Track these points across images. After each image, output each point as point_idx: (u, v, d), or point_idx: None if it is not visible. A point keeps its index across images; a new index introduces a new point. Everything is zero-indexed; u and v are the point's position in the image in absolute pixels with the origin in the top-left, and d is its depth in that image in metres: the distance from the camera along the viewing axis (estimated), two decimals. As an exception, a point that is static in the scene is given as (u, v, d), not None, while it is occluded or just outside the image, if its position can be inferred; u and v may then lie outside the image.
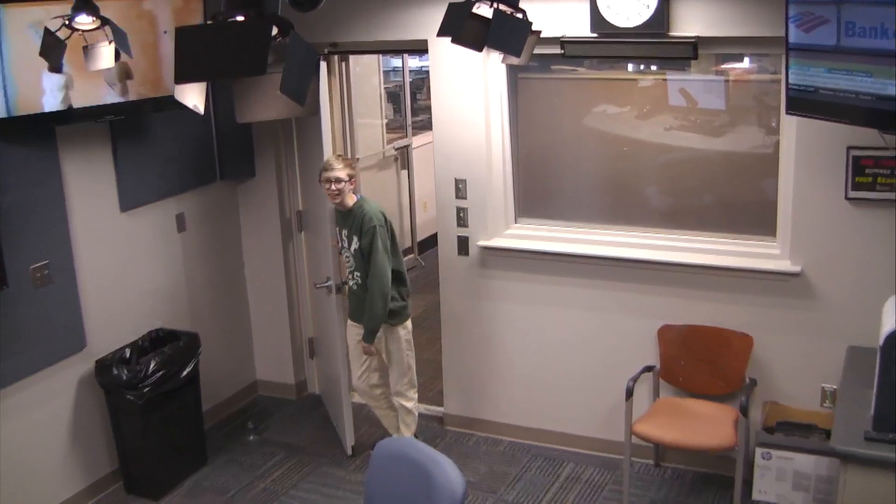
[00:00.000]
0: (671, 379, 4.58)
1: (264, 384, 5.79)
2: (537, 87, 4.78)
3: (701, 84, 4.46)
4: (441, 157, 4.87)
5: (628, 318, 4.65)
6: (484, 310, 4.98)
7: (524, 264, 4.83)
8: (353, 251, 4.47)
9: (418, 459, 2.81)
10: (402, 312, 4.54)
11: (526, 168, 4.88)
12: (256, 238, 5.53)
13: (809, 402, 4.33)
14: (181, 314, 5.11)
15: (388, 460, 2.95)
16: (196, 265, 5.22)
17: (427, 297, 6.94)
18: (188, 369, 4.66)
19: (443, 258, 5.02)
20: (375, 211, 4.39)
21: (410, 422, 4.76)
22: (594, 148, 4.74)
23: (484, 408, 5.13)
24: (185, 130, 4.95)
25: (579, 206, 4.81)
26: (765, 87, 4.32)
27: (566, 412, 4.92)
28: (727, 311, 4.42)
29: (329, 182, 4.35)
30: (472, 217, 4.87)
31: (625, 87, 4.68)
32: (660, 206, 4.67)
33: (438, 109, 4.81)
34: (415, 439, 3.56)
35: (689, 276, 4.48)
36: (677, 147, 4.54)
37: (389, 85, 8.05)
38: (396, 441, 3.23)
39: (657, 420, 4.31)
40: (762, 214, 4.38)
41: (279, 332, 5.65)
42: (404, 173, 8.07)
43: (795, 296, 4.28)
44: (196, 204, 5.17)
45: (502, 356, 5.01)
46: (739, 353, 4.38)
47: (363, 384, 4.73)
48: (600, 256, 4.63)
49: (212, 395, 5.29)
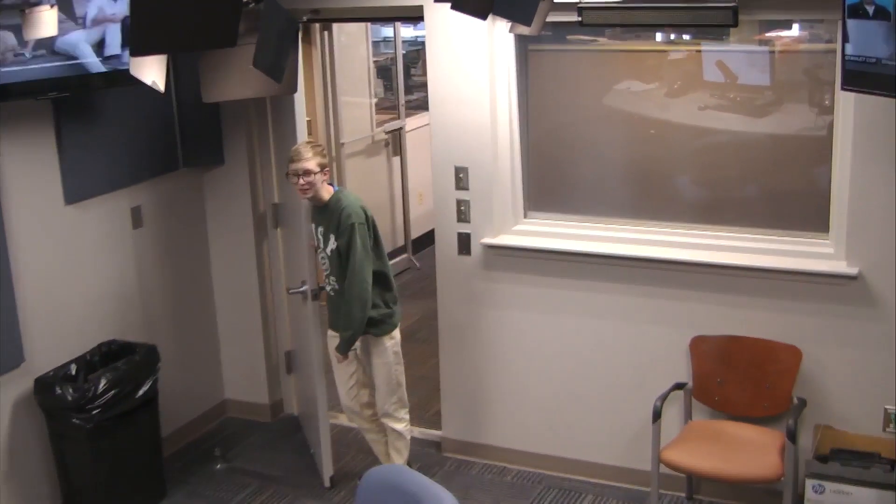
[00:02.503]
0: (706, 398, 4.59)
1: (234, 405, 5.82)
2: (551, 60, 4.80)
3: (742, 56, 4.48)
4: (439, 142, 4.89)
5: (656, 328, 4.67)
6: (488, 319, 5.00)
7: (535, 266, 4.84)
8: (330, 252, 4.51)
9: (412, 491, 2.82)
10: (387, 321, 4.57)
11: (537, 154, 4.91)
12: (225, 235, 5.56)
13: (870, 427, 4.33)
14: (137, 324, 5.11)
15: (376, 492, 2.96)
16: (155, 267, 5.23)
17: (422, 304, 6.98)
18: (145, 388, 4.65)
19: (440, 259, 5.05)
20: (355, 205, 4.41)
21: (402, 447, 4.78)
22: (616, 131, 4.78)
23: (488, 432, 5.15)
24: (142, 110, 4.96)
25: (599, 199, 4.84)
26: (817, 59, 4.35)
27: (584, 437, 4.94)
28: (772, 321, 4.43)
29: (297, 175, 4.38)
30: (475, 211, 4.89)
31: (652, 61, 4.72)
32: (693, 198, 4.70)
33: (436, 87, 4.83)
34: (408, 468, 3.57)
35: (726, 279, 4.49)
36: (713, 130, 4.57)
37: (379, 58, 8.10)
38: (387, 470, 3.25)
39: (689, 446, 4.33)
40: (813, 207, 4.40)
41: (251, 344, 5.68)
42: (396, 160, 8.11)
43: (852, 302, 4.28)
44: (154, 196, 5.18)
45: (509, 372, 5.03)
46: (786, 369, 4.39)
47: (352, 403, 4.77)
48: (623, 256, 4.65)
49: (173, 418, 5.29)
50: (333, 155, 7.19)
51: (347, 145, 7.36)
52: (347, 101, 7.32)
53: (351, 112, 7.42)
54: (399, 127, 8.05)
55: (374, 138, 7.83)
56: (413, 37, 8.55)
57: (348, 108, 7.35)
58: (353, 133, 7.47)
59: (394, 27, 7.94)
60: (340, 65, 7.14)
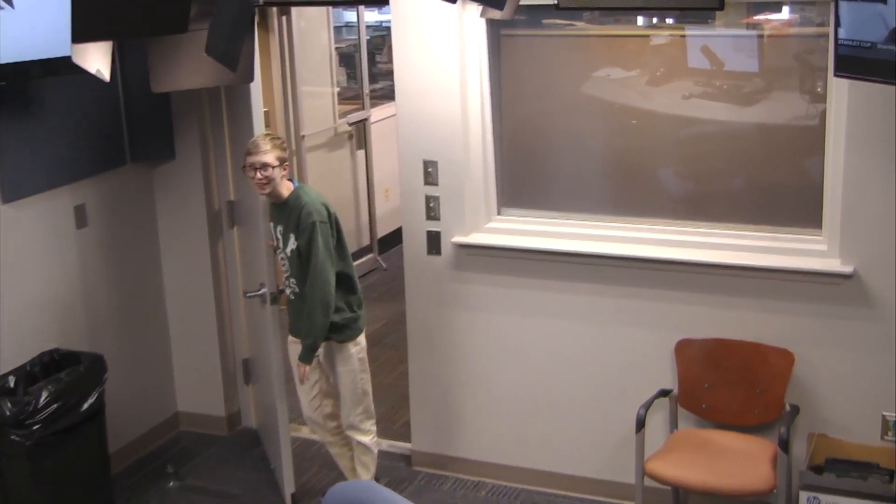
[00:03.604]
0: (692, 406, 4.60)
1: (188, 417, 5.80)
2: (525, 46, 4.82)
3: (728, 41, 4.51)
4: (406, 134, 4.90)
5: (639, 331, 4.68)
6: (460, 323, 5.00)
7: (509, 266, 4.85)
8: (290, 252, 4.50)
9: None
10: (352, 326, 4.58)
11: (511, 147, 4.91)
12: (177, 235, 5.54)
13: (867, 435, 4.35)
14: (81, 331, 5.08)
15: (341, 510, 2.95)
16: (100, 269, 5.19)
17: (390, 308, 7.00)
18: (90, 401, 4.61)
19: (409, 259, 5.06)
20: (316, 202, 4.41)
21: (368, 461, 4.77)
22: (596, 121, 4.80)
23: (461, 444, 5.16)
24: (85, 101, 4.93)
25: (577, 194, 4.85)
26: (808, 44, 4.37)
27: (563, 448, 4.94)
28: (762, 322, 4.44)
29: (254, 169, 4.37)
30: (445, 208, 4.89)
31: (633, 46, 4.72)
32: (677, 192, 4.71)
33: (402, 75, 4.83)
34: (375, 483, 3.56)
35: (713, 278, 4.50)
36: (699, 119, 4.58)
37: (342, 44, 8.12)
38: (352, 486, 3.25)
39: (675, 457, 4.34)
40: (805, 202, 4.41)
41: (206, 352, 5.66)
42: (361, 154, 8.13)
43: (847, 302, 4.30)
44: (100, 193, 5.14)
45: (483, 380, 5.03)
46: (778, 374, 4.40)
47: (316, 414, 4.77)
48: (603, 255, 4.66)
49: (121, 433, 5.26)
50: (293, 148, 7.21)
51: (308, 138, 7.35)
52: (308, 91, 7.31)
53: (311, 102, 7.42)
54: (363, 118, 8.05)
55: (337, 130, 7.83)
56: (377, 21, 8.64)
57: (309, 98, 7.34)
58: (313, 125, 7.46)
59: (357, 11, 7.94)
60: (300, 52, 7.14)
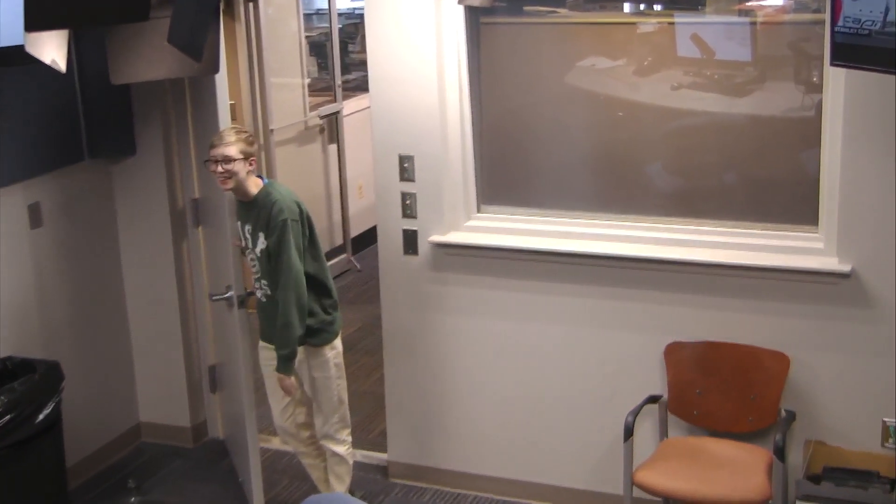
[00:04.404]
0: (683, 412, 4.61)
1: (150, 428, 5.79)
2: (506, 34, 4.81)
3: (720, 28, 4.52)
4: (381, 128, 4.91)
5: (626, 334, 4.69)
6: (439, 326, 5.01)
7: (490, 266, 4.86)
8: (260, 252, 4.48)
9: (354, 522, 2.90)
10: (327, 329, 4.58)
11: (492, 141, 4.92)
12: (138, 235, 5.53)
13: (867, 442, 4.36)
14: (36, 338, 5.07)
15: (315, 524, 3.03)
16: (57, 272, 5.18)
17: (364, 311, 7.05)
18: (46, 411, 4.57)
19: (384, 259, 5.06)
20: (287, 199, 4.41)
21: (343, 473, 4.77)
22: (580, 113, 4.81)
23: (440, 454, 5.17)
24: (40, 93, 4.93)
25: (561, 190, 4.86)
26: (803, 31, 4.37)
27: (547, 458, 4.95)
28: (756, 324, 4.46)
29: (215, 162, 4.37)
30: (422, 205, 4.90)
31: (620, 34, 4.73)
32: (666, 188, 4.72)
33: (377, 65, 4.84)
34: (350, 496, 3.65)
35: (704, 278, 4.51)
36: (688, 111, 4.59)
37: (312, 33, 8.20)
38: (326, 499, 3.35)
39: (666, 466, 4.35)
40: (800, 197, 4.43)
41: (170, 359, 5.65)
42: (333, 148, 8.15)
43: (845, 302, 4.31)
44: (55, 191, 5.13)
45: (463, 386, 5.04)
46: (773, 378, 4.41)
47: (288, 423, 4.76)
48: (589, 254, 4.66)
49: (79, 445, 5.24)
50: (261, 143, 7.22)
51: (277, 132, 7.35)
52: (276, 83, 7.32)
53: (281, 94, 7.42)
54: (335, 111, 8.06)
55: (308, 124, 7.85)
56: (350, 8, 8.69)
57: (278, 90, 7.34)
58: (283, 118, 7.46)
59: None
60: (268, 41, 7.13)
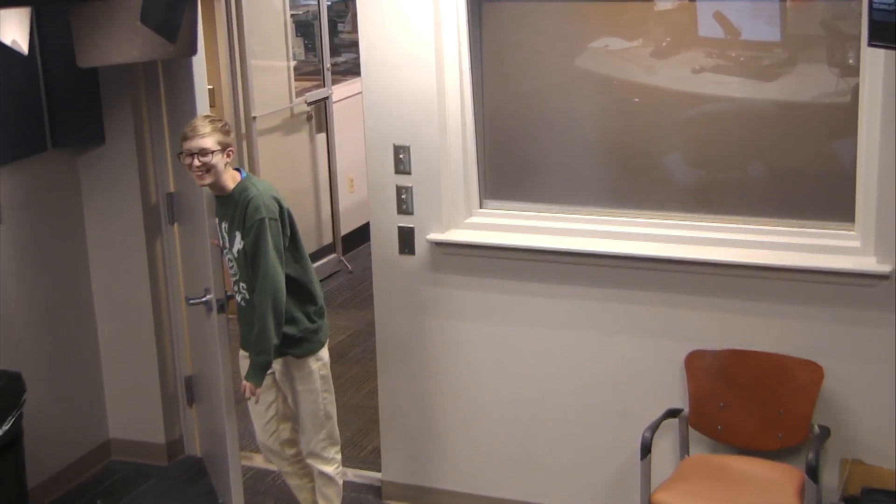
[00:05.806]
0: (706, 428, 4.60)
1: (121, 445, 5.79)
2: (511, 12, 4.80)
3: (745, 5, 4.49)
4: (374, 115, 4.89)
5: (643, 342, 4.68)
6: (437, 332, 5.00)
7: (493, 266, 4.85)
8: (237, 253, 4.48)
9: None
10: (311, 339, 4.58)
11: (495, 130, 4.91)
12: (108, 233, 5.53)
13: None
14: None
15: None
16: (17, 273, 5.18)
17: (356, 316, 7.10)
18: (6, 426, 4.55)
19: (378, 259, 5.06)
20: (265, 195, 4.40)
21: (332, 494, 4.77)
22: (592, 99, 4.81)
23: (438, 473, 5.16)
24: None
25: (571, 184, 4.85)
26: (838, 9, 4.36)
27: (556, 478, 4.94)
28: (786, 330, 4.44)
29: (191, 155, 4.35)
30: (420, 200, 4.88)
31: (635, 12, 4.71)
32: (685, 181, 4.73)
33: (369, 46, 4.83)
34: None
35: (729, 280, 4.49)
36: (711, 97, 4.59)
37: (298, 11, 8.23)
38: None
39: (687, 487, 4.35)
40: (834, 191, 4.42)
41: (142, 369, 5.64)
42: (321, 138, 8.19)
43: (884, 307, 4.28)
44: (16, 184, 5.13)
45: (464, 399, 5.03)
46: (804, 390, 4.39)
47: (271, 440, 4.78)
48: (601, 254, 4.66)
49: (43, 464, 5.25)
50: (243, 132, 7.23)
51: (260, 119, 7.37)
52: (259, 66, 7.35)
53: (264, 79, 7.46)
54: (324, 97, 8.09)
55: (294, 111, 7.87)
56: None
57: (260, 73, 7.37)
58: (266, 105, 7.49)
59: (316, -26, 8.10)
60: (250, 20, 7.13)
